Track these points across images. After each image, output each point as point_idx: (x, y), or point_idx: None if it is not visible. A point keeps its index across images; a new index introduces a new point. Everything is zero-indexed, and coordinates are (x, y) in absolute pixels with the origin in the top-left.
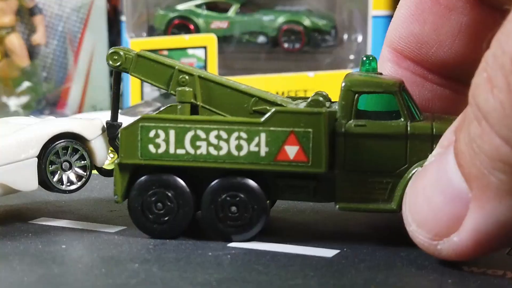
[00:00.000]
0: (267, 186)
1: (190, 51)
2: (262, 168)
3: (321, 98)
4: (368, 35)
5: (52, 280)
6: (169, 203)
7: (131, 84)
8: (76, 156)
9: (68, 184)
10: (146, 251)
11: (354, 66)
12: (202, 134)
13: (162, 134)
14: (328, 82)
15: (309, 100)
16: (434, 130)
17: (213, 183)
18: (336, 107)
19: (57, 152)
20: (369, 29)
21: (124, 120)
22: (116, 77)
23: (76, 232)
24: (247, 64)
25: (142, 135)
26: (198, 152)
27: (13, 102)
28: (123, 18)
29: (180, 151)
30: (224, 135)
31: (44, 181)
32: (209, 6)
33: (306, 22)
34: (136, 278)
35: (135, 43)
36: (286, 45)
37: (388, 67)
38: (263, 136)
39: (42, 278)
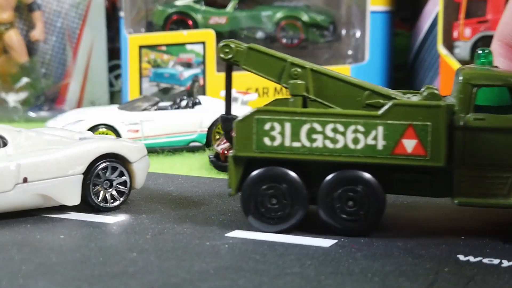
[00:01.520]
0: (382, 180)
1: (188, 47)
2: (379, 162)
3: (436, 91)
4: (367, 30)
5: (50, 269)
6: (282, 197)
7: (130, 80)
8: (119, 179)
9: (106, 202)
10: (144, 241)
11: (352, 62)
12: (318, 127)
13: (277, 126)
14: None
15: (424, 93)
16: None
17: (329, 176)
18: (451, 100)
19: (103, 169)
20: (367, 25)
21: (122, 114)
22: (228, 70)
23: (74, 223)
24: None
25: (257, 127)
26: (314, 145)
27: (12, 98)
28: (122, 14)
29: (296, 144)
30: (340, 128)
31: (85, 195)
32: (208, 2)
33: (304, 17)
34: (133, 267)
35: (134, 38)
36: (284, 40)
37: (500, 62)
38: (380, 129)
39: (40, 267)
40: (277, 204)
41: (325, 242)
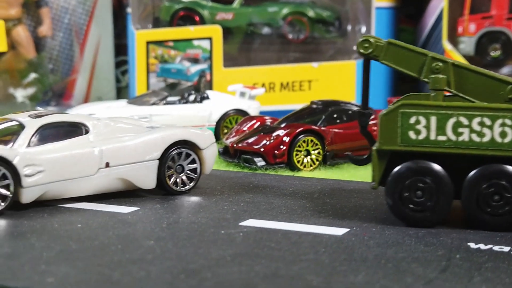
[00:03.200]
0: None
1: (195, 42)
2: None
3: None
4: (372, 26)
5: (70, 255)
6: (428, 191)
7: (137, 75)
8: (190, 165)
9: (182, 185)
10: (160, 230)
11: (358, 57)
12: (464, 121)
13: (423, 120)
14: (332, 73)
15: None
16: None
17: (474, 171)
18: None
19: (176, 155)
20: (372, 20)
21: (131, 108)
22: (366, 65)
23: (90, 213)
24: (252, 55)
25: (402, 121)
26: (460, 138)
27: (20, 94)
28: (129, 10)
29: (441, 138)
30: (487, 121)
31: (160, 180)
32: None
33: (310, 13)
34: (152, 253)
35: (141, 34)
36: (290, 36)
37: None
38: None
39: (60, 253)
40: (423, 197)
41: (338, 231)
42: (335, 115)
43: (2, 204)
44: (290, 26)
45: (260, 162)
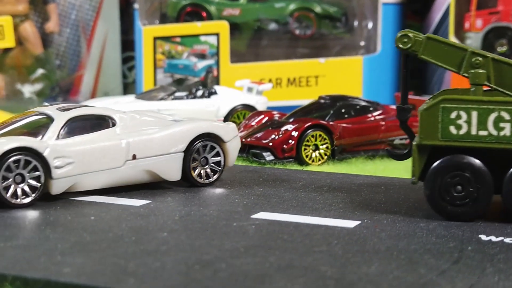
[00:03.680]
0: None
1: (202, 38)
2: None
3: None
4: (379, 22)
5: (85, 247)
6: (468, 186)
7: (144, 71)
8: (215, 157)
9: (206, 177)
10: (173, 222)
11: (364, 53)
12: (506, 116)
13: (464, 115)
14: (339, 68)
15: None
16: None
17: None
18: None
19: (201, 147)
20: (379, 16)
21: (140, 103)
22: (404, 60)
23: (103, 205)
24: (259, 51)
25: (443, 116)
26: (501, 133)
27: (27, 89)
28: (136, 6)
29: (482, 133)
30: None
31: (185, 172)
32: None
33: (317, 9)
34: (166, 245)
35: (148, 30)
36: (297, 31)
37: None
38: None
39: (75, 245)
40: (463, 192)
41: (349, 223)
42: (343, 110)
43: (33, 195)
44: (297, 22)
45: (268, 156)
